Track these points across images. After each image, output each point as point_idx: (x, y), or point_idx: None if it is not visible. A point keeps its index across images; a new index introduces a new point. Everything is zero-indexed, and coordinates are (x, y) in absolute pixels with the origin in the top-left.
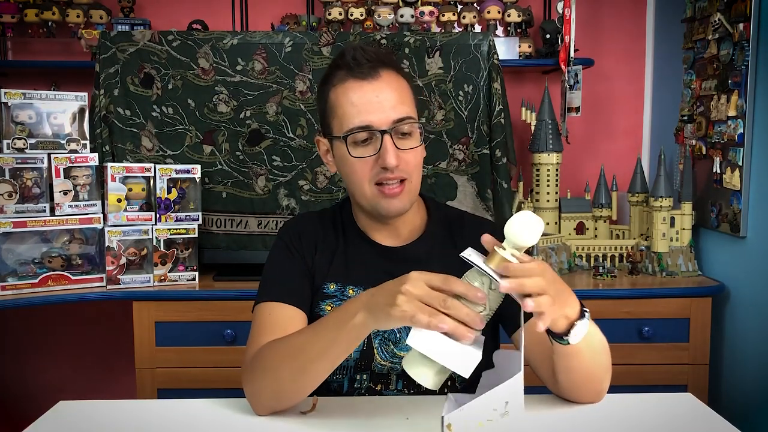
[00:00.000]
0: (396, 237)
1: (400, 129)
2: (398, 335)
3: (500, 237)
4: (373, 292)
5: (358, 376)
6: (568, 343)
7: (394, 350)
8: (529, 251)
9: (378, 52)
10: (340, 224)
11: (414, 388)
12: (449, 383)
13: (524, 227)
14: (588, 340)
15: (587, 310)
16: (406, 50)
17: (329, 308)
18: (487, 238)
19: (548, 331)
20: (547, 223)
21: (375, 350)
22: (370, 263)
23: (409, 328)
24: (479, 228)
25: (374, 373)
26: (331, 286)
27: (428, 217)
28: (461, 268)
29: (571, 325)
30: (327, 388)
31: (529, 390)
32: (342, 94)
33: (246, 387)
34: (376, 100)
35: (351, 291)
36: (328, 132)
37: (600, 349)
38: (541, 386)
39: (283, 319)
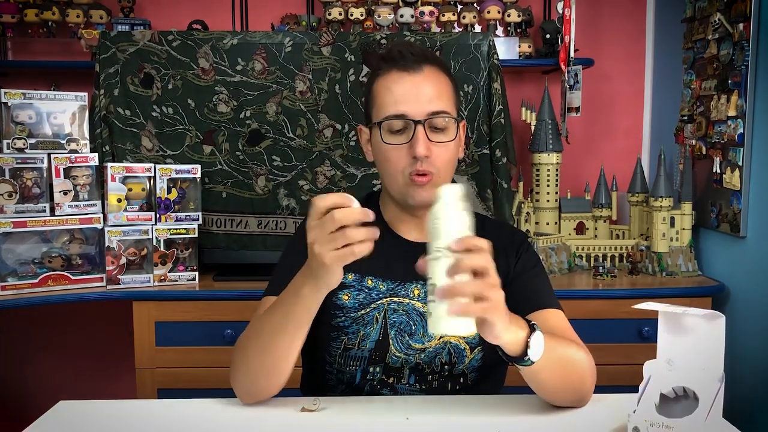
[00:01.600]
0: (422, 232)
1: (434, 122)
2: (413, 327)
3: (520, 238)
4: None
5: (371, 369)
6: (532, 362)
7: (410, 342)
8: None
9: (424, 49)
10: None
11: (425, 384)
12: (461, 379)
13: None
14: (549, 355)
15: (535, 323)
16: None
17: (347, 297)
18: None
19: (508, 358)
20: (547, 224)
21: (390, 341)
22: (390, 256)
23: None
24: (500, 229)
25: (388, 365)
26: (350, 276)
27: None
28: None
29: (527, 344)
30: (339, 379)
31: (528, 390)
32: (383, 83)
33: (230, 375)
34: (414, 92)
35: (369, 281)
36: (369, 120)
37: (568, 362)
38: None
39: None
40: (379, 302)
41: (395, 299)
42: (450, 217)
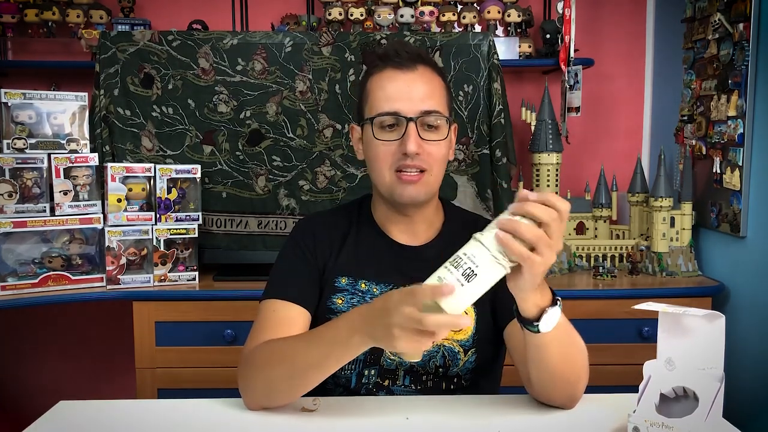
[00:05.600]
0: (412, 235)
1: (426, 120)
2: None
3: None
4: (366, 319)
5: (366, 372)
6: (538, 331)
7: None
8: None
9: (419, 49)
10: (355, 219)
11: (420, 385)
12: (456, 380)
13: None
14: (559, 334)
15: (560, 299)
16: None
17: (340, 302)
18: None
19: (519, 318)
20: None
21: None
22: (383, 259)
23: None
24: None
25: (382, 368)
26: (343, 280)
27: (445, 218)
28: None
29: (542, 312)
30: (335, 383)
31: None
32: (377, 81)
33: (240, 381)
34: (407, 90)
35: (363, 285)
36: (362, 117)
37: (573, 348)
38: None
39: (286, 318)
40: None
41: None
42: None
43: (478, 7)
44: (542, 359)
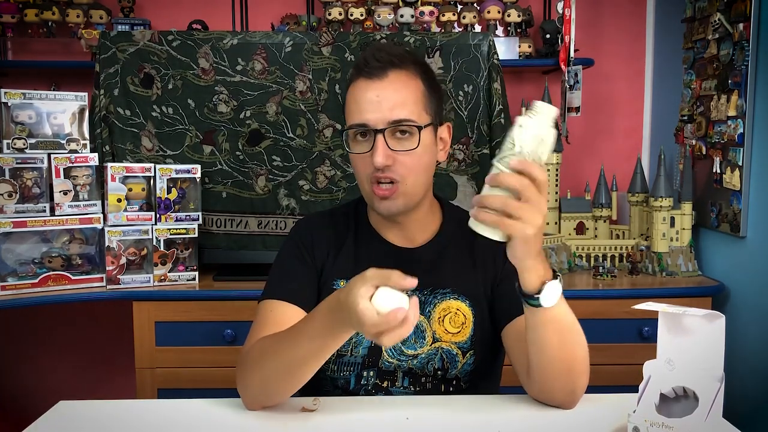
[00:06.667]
0: (408, 238)
1: (397, 130)
2: None
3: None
4: (335, 314)
5: (365, 373)
6: (540, 305)
7: (402, 348)
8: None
9: (393, 53)
10: (353, 221)
11: (419, 387)
12: (454, 382)
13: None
14: (560, 313)
15: (560, 274)
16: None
17: None
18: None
19: (521, 293)
20: (547, 224)
21: (383, 348)
22: (380, 262)
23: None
24: None
25: (381, 370)
26: (341, 283)
27: (443, 218)
28: (473, 266)
29: (543, 285)
30: (334, 384)
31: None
32: (351, 92)
33: (238, 381)
34: (376, 100)
35: None
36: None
37: (573, 335)
38: None
39: (284, 318)
40: None
41: None
42: (532, 132)
43: (478, 7)
44: (542, 340)
